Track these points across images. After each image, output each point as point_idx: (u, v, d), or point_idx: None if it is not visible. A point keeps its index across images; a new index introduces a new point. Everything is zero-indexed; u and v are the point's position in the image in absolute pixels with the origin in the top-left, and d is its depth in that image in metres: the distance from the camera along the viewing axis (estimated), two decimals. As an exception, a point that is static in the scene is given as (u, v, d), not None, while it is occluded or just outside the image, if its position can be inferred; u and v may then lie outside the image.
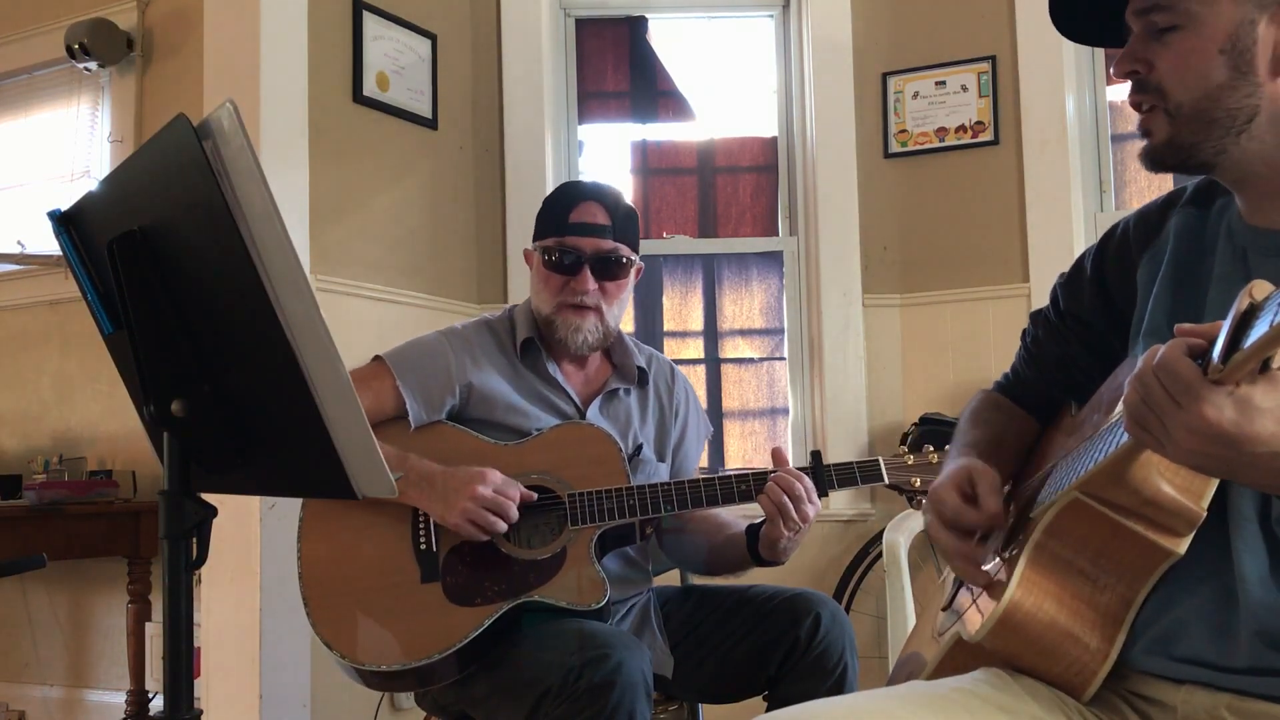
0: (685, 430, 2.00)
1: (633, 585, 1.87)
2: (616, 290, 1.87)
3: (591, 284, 1.83)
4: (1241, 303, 0.75)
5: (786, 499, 1.67)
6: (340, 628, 1.67)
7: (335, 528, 1.74)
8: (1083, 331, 1.26)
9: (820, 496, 1.72)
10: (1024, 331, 1.37)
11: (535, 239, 1.91)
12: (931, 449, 1.77)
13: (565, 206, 1.86)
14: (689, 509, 1.76)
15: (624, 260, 1.86)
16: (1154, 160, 1.07)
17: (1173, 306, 1.10)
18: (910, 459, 1.76)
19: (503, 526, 1.68)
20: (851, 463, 1.76)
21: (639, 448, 1.90)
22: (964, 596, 1.20)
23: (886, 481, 1.75)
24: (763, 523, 1.75)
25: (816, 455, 1.77)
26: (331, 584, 1.70)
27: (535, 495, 1.74)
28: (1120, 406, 0.88)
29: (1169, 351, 0.81)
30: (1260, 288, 0.75)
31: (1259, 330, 0.73)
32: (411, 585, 1.70)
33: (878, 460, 1.76)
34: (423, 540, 1.73)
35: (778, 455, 1.74)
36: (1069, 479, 1.01)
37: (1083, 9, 1.14)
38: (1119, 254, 1.21)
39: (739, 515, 1.88)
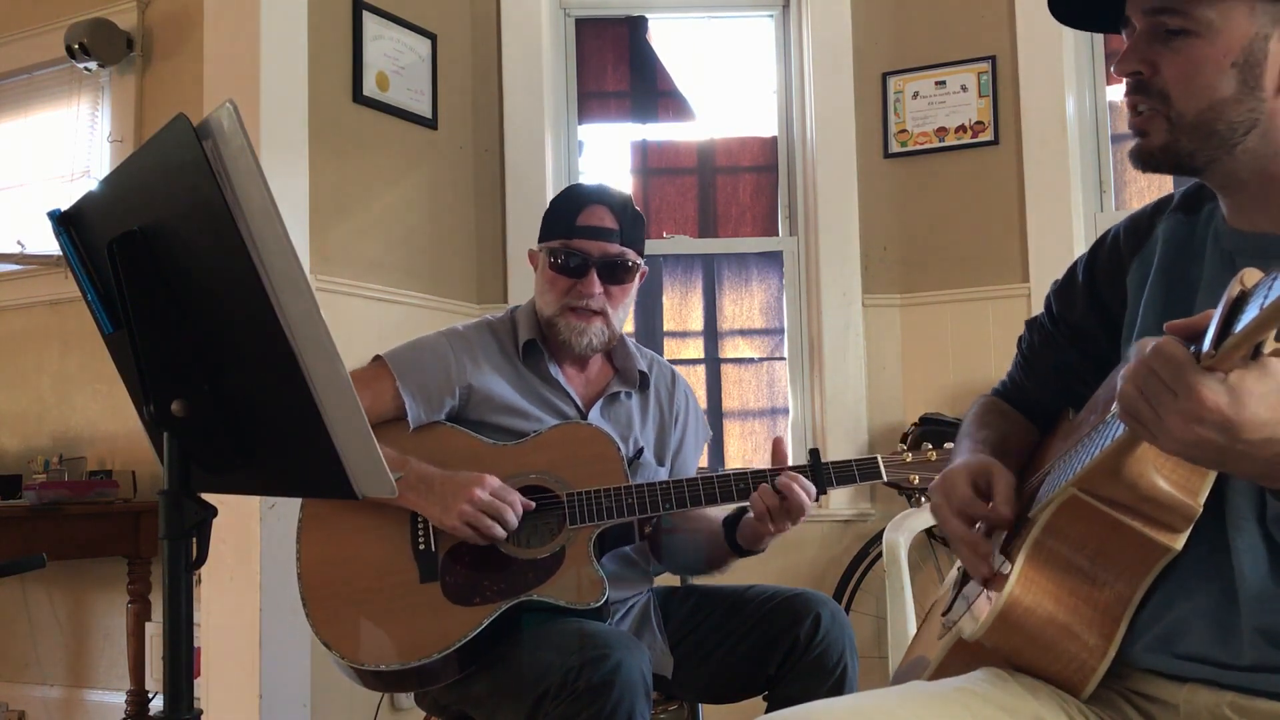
0: (685, 436, 2.00)
1: (632, 585, 1.87)
2: (622, 294, 1.88)
3: (598, 288, 1.83)
4: (1232, 290, 0.76)
5: (779, 501, 1.67)
6: (340, 629, 1.67)
7: (334, 529, 1.74)
8: (1077, 338, 1.26)
9: (819, 495, 1.73)
10: (1019, 339, 1.37)
11: (541, 240, 1.91)
12: (930, 447, 1.78)
13: (573, 209, 1.86)
14: (687, 508, 1.76)
15: (630, 264, 1.87)
16: (1145, 162, 1.07)
17: (1163, 309, 1.10)
18: (908, 456, 1.77)
19: (501, 533, 1.69)
20: (850, 460, 1.77)
21: (639, 451, 1.90)
22: (965, 597, 1.20)
23: (885, 479, 1.76)
24: (739, 513, 1.77)
25: (815, 454, 1.77)
26: (331, 585, 1.70)
27: (534, 504, 1.73)
28: (1116, 402, 0.88)
29: (1162, 340, 0.81)
30: (1250, 275, 0.76)
31: (1249, 315, 0.73)
32: (410, 585, 1.70)
33: (876, 458, 1.77)
34: (421, 540, 1.73)
35: (778, 446, 1.75)
36: (1066, 476, 1.01)
37: None
38: (1110, 260, 1.22)
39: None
